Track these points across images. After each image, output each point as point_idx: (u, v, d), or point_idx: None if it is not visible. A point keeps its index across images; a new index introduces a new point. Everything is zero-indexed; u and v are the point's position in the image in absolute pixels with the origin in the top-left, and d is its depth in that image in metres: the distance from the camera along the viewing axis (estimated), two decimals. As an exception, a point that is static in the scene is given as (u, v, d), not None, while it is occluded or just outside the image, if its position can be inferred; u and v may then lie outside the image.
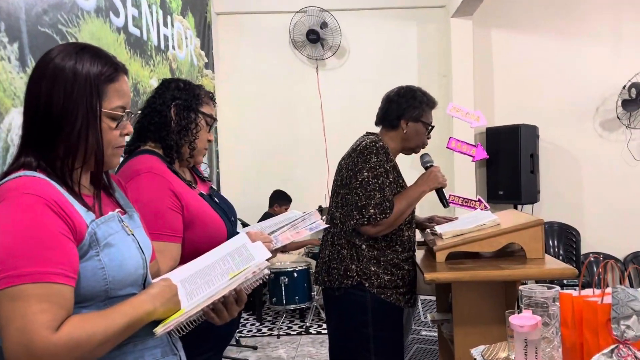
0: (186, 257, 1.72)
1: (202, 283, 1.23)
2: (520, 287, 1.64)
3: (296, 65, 5.83)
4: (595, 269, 5.24)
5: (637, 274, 5.48)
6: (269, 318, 5.44)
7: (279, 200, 5.40)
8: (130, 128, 1.25)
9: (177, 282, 1.25)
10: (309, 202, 5.38)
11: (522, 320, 1.48)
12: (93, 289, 1.13)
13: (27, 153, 1.16)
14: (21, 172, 1.13)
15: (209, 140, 1.90)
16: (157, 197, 1.68)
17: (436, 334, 3.88)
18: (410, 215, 2.44)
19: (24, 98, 1.19)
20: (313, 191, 5.65)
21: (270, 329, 5.09)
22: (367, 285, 2.35)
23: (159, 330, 1.16)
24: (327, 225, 1.98)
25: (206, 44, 5.35)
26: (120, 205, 1.31)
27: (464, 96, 5.36)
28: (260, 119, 5.84)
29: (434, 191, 2.50)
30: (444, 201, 2.51)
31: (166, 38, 4.24)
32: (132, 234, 1.25)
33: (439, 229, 2.50)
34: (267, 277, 1.24)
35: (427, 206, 4.76)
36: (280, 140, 5.83)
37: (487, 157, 4.94)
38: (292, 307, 5.16)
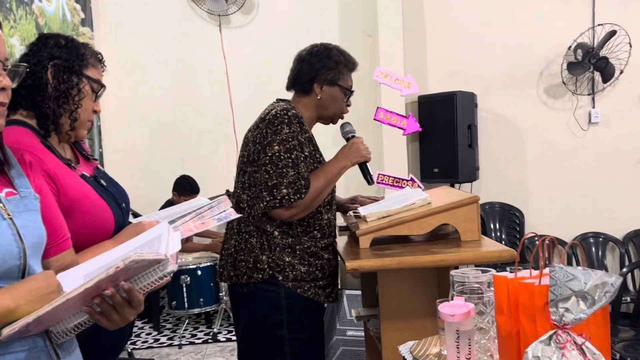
0: None
1: None
2: (452, 272, 1.69)
3: (195, 23, 5.73)
4: (545, 255, 5.49)
5: (590, 257, 5.79)
6: (168, 325, 5.38)
7: (179, 189, 5.32)
8: (7, 81, 1.22)
9: (81, 278, 1.24)
10: (214, 186, 5.33)
11: (453, 308, 1.53)
12: None
13: None
14: None
15: (95, 111, 1.84)
16: None
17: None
18: (329, 195, 2.47)
19: None
20: (219, 172, 5.60)
21: (171, 338, 5.04)
22: (280, 278, 2.37)
23: (5, 331, 1.16)
24: (239, 215, 1.98)
25: (82, -4, 5.16)
26: (12, 184, 1.30)
27: (392, 59, 5.44)
28: (152, 87, 5.71)
29: (357, 166, 2.55)
30: (369, 177, 2.55)
31: (30, -13, 4.05)
32: (10, 219, 1.23)
33: (362, 210, 2.55)
34: (170, 275, 1.23)
35: (353, 185, 4.86)
36: (177, 113, 5.73)
37: (420, 129, 5.02)
38: (197, 311, 5.12)
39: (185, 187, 5.34)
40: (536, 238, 1.51)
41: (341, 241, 2.61)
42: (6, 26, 3.64)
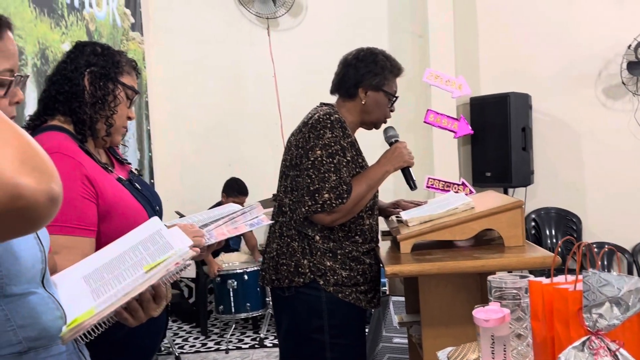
0: None
1: (110, 278, 1.27)
2: (489, 278, 1.73)
3: (243, 26, 5.85)
4: (606, 263, 5.42)
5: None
6: (215, 330, 5.50)
7: (228, 190, 5.44)
8: (21, 95, 1.26)
9: (80, 279, 1.28)
10: (261, 190, 5.42)
11: (488, 313, 1.56)
12: None
13: None
14: None
15: (129, 118, 1.93)
16: (67, 183, 1.71)
17: (411, 341, 3.99)
18: (372, 200, 2.52)
19: None
20: (265, 176, 5.66)
21: (218, 343, 5.15)
22: (321, 283, 2.42)
23: (67, 334, 1.20)
24: (270, 222, 2.04)
25: (132, 1, 5.33)
26: None
27: (443, 60, 5.45)
28: (201, 90, 5.85)
29: (399, 171, 2.59)
30: (411, 182, 2.59)
31: (81, -7, 4.23)
32: None
33: (404, 215, 2.59)
34: (185, 268, 1.29)
35: (403, 189, 4.87)
36: (225, 117, 5.86)
37: (472, 132, 5.01)
38: (243, 315, 5.22)
39: (234, 189, 5.45)
40: (584, 245, 1.51)
41: (384, 246, 2.65)
42: (57, 32, 3.81)
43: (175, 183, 5.85)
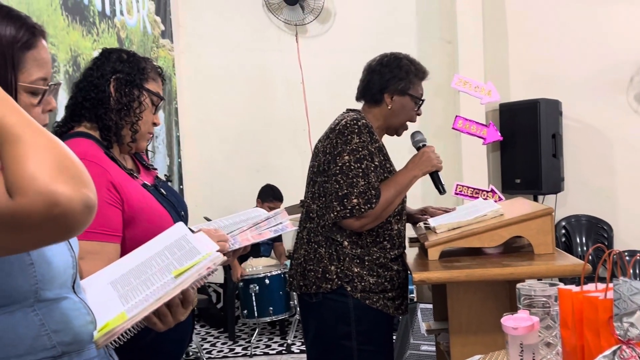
0: None
1: (137, 284, 1.28)
2: (518, 285, 1.71)
3: (271, 32, 5.88)
4: (638, 271, 5.34)
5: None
6: (243, 335, 5.52)
7: (263, 196, 5.46)
8: (54, 103, 1.28)
9: (107, 284, 1.30)
10: (289, 196, 5.44)
11: (517, 321, 1.55)
12: (20, 288, 1.18)
13: None
14: None
15: (154, 124, 1.95)
16: (98, 191, 1.73)
17: (439, 349, 3.97)
18: (400, 205, 2.52)
19: None
20: (293, 183, 5.69)
21: (245, 348, 5.17)
22: (349, 289, 2.42)
23: (100, 339, 1.22)
24: (294, 229, 2.05)
25: (162, 9, 5.39)
26: None
27: (472, 66, 5.43)
28: (230, 96, 5.89)
29: (427, 177, 2.59)
30: (440, 187, 2.58)
31: (112, 1, 4.28)
32: None
33: (432, 221, 2.58)
34: (211, 273, 1.29)
35: (419, 195, 4.85)
36: (253, 123, 5.88)
37: (501, 138, 4.97)
38: (267, 320, 5.23)
39: (269, 194, 5.47)
40: (614, 253, 1.49)
41: (411, 253, 2.65)
42: (89, 40, 3.87)
43: (204, 189, 5.89)
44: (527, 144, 5.42)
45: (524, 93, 5.60)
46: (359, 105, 2.68)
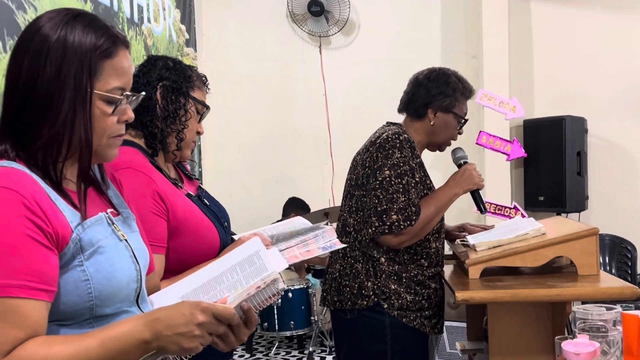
0: (171, 270, 1.74)
1: (206, 299, 1.25)
2: (574, 308, 1.67)
3: (295, 44, 5.86)
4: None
5: None
6: (260, 348, 5.47)
7: (297, 210, 5.39)
8: (131, 113, 1.28)
9: (177, 299, 1.27)
10: (310, 206, 5.42)
11: (577, 347, 1.51)
12: (75, 305, 1.16)
13: (4, 140, 1.19)
14: None
15: (199, 133, 1.93)
16: (138, 199, 1.69)
17: (464, 368, 3.90)
18: (439, 223, 2.47)
19: (5, 75, 1.21)
20: (313, 195, 5.68)
21: (263, 362, 5.12)
22: (385, 306, 2.38)
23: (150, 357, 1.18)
24: (343, 246, 2.00)
25: (187, 17, 5.38)
26: (113, 205, 1.33)
27: (497, 81, 5.39)
28: (252, 107, 5.87)
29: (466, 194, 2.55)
30: (481, 205, 2.54)
31: (140, 9, 4.27)
32: (125, 240, 1.27)
33: (471, 239, 2.53)
34: (281, 292, 1.25)
35: (452, 212, 4.80)
36: (275, 133, 5.86)
37: (525, 155, 4.95)
38: (288, 334, 5.18)
39: (297, 206, 5.43)
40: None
41: (447, 270, 2.60)
42: (117, 47, 3.85)
43: (224, 198, 5.80)
44: (551, 161, 5.36)
45: (548, 110, 5.55)
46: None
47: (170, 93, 1.85)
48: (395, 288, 2.38)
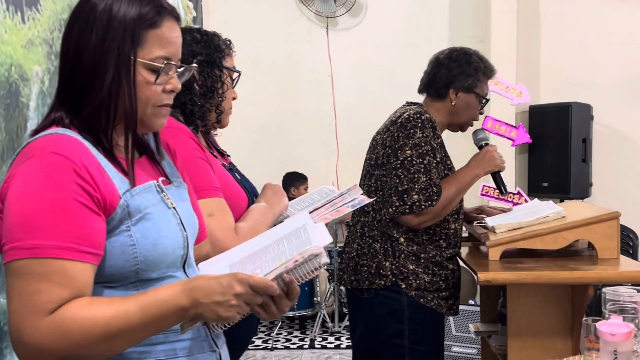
0: None
1: (250, 269, 1.26)
2: (604, 289, 1.67)
3: (302, 23, 5.82)
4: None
5: None
6: (262, 329, 5.47)
7: (295, 182, 5.42)
8: (177, 83, 1.29)
9: (225, 267, 1.27)
10: (312, 188, 5.40)
11: (613, 327, 1.50)
12: (121, 269, 1.18)
13: (59, 108, 1.23)
14: (52, 130, 1.19)
15: (234, 98, 1.93)
16: (185, 149, 1.68)
17: (472, 351, 3.92)
18: (458, 204, 2.46)
19: (60, 44, 1.25)
20: (317, 176, 5.66)
21: (265, 342, 5.13)
22: (403, 286, 2.37)
23: (186, 324, 1.19)
24: (371, 200, 2.00)
25: (194, -6, 5.33)
26: (165, 174, 1.35)
27: (504, 66, 5.34)
28: (256, 88, 5.81)
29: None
30: (502, 187, 2.54)
31: (150, -16, 4.23)
32: (174, 207, 1.28)
33: (490, 221, 2.53)
34: (324, 266, 1.25)
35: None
36: (279, 113, 5.83)
37: (530, 141, 4.95)
38: (290, 314, 5.19)
39: (295, 178, 5.46)
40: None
41: (463, 252, 2.60)
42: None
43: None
44: (556, 148, 5.36)
45: (554, 96, 5.53)
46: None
47: (205, 68, 1.83)
48: (414, 268, 2.37)
